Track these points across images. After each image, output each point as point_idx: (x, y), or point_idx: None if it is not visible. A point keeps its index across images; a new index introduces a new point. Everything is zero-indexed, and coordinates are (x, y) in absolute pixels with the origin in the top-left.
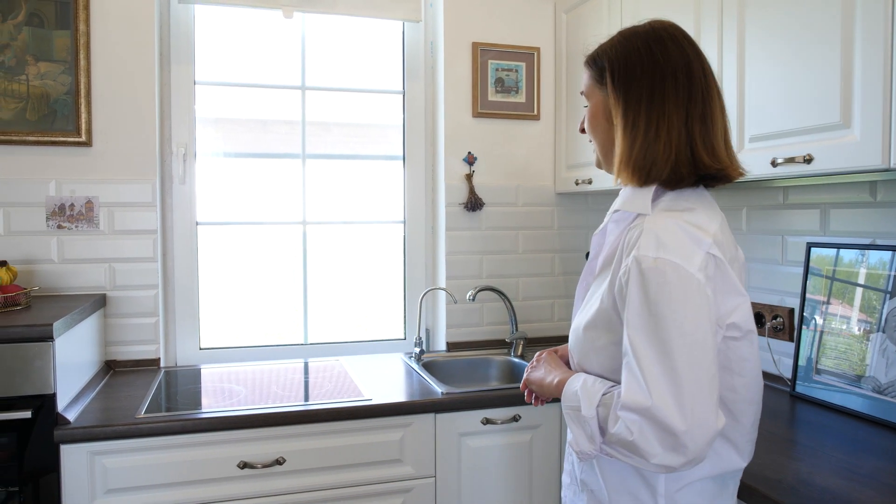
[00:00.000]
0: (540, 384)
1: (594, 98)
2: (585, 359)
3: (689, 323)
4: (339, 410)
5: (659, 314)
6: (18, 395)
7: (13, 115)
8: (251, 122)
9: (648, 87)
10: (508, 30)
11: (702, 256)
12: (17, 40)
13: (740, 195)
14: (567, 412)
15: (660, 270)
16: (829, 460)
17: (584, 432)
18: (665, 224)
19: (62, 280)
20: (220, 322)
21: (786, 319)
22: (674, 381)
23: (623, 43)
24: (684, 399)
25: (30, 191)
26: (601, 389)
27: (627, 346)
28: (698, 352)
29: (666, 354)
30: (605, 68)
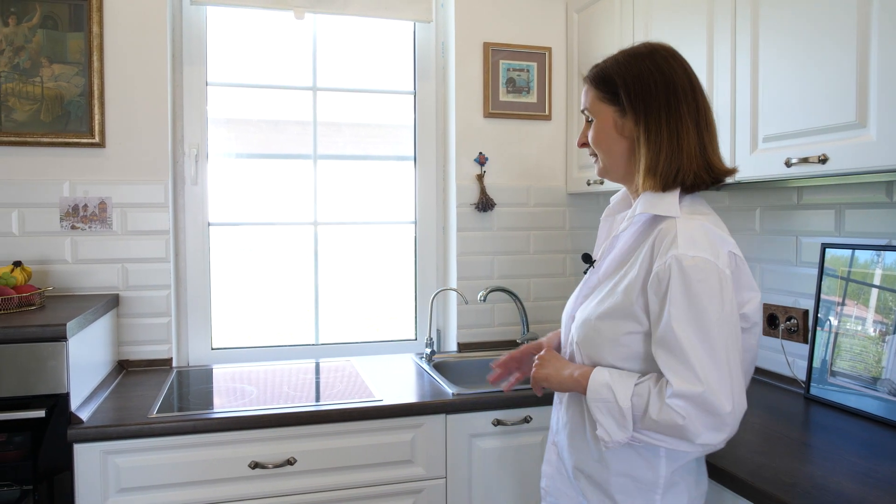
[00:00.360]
0: (557, 378)
1: (602, 114)
2: (597, 350)
3: (726, 313)
4: (351, 411)
5: (701, 307)
6: (33, 395)
7: (28, 116)
8: (263, 123)
9: (665, 102)
10: (520, 30)
11: (726, 254)
12: (31, 43)
13: (754, 195)
14: (596, 404)
15: (699, 268)
16: (845, 464)
17: (615, 422)
18: (696, 226)
19: (76, 280)
20: (232, 322)
21: (800, 321)
22: (717, 366)
23: (632, 63)
24: (727, 382)
25: (44, 191)
26: (633, 380)
27: (671, 336)
28: (733, 340)
29: (710, 343)
30: (616, 87)
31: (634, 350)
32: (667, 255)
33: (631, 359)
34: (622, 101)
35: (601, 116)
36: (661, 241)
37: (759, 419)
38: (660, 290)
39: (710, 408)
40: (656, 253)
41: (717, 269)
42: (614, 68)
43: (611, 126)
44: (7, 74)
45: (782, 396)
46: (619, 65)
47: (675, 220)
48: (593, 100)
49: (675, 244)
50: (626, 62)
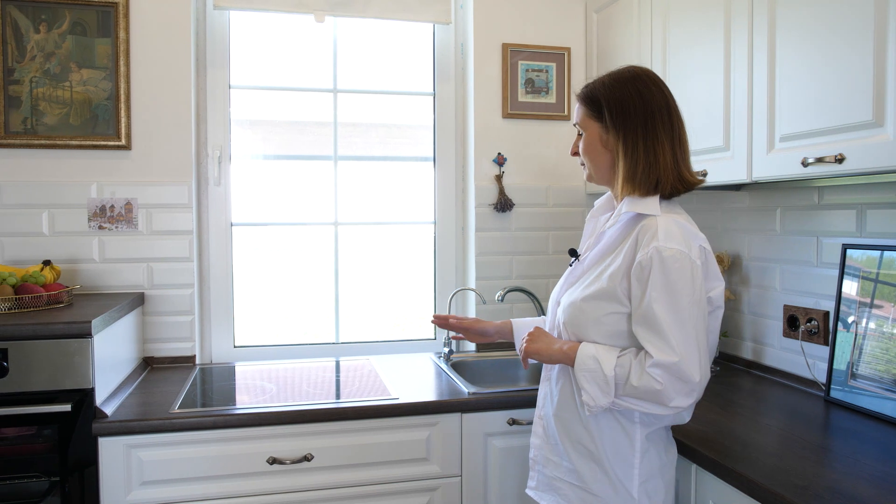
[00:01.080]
0: (548, 352)
1: (590, 129)
2: (582, 329)
3: (696, 297)
4: (366, 409)
5: (676, 290)
6: (60, 389)
7: (58, 120)
8: (284, 125)
9: (642, 123)
10: (538, 30)
11: (697, 248)
12: (61, 48)
13: (775, 195)
14: (583, 374)
15: (675, 258)
16: (861, 468)
17: (600, 389)
18: (672, 223)
19: (103, 279)
20: (255, 321)
21: (820, 323)
22: (689, 342)
23: (616, 87)
24: (697, 355)
25: (73, 193)
26: (615, 353)
27: (651, 315)
28: (701, 319)
29: (682, 321)
30: (601, 107)
31: (616, 328)
32: (649, 246)
33: (612, 336)
34: (606, 119)
35: (589, 131)
36: (643, 235)
37: (776, 421)
38: (642, 276)
39: (683, 376)
40: (639, 244)
41: (690, 260)
42: (601, 90)
43: (597, 140)
44: (38, 79)
45: (802, 399)
46: (605, 87)
47: (655, 218)
48: (583, 116)
49: (656, 237)
50: (611, 85)
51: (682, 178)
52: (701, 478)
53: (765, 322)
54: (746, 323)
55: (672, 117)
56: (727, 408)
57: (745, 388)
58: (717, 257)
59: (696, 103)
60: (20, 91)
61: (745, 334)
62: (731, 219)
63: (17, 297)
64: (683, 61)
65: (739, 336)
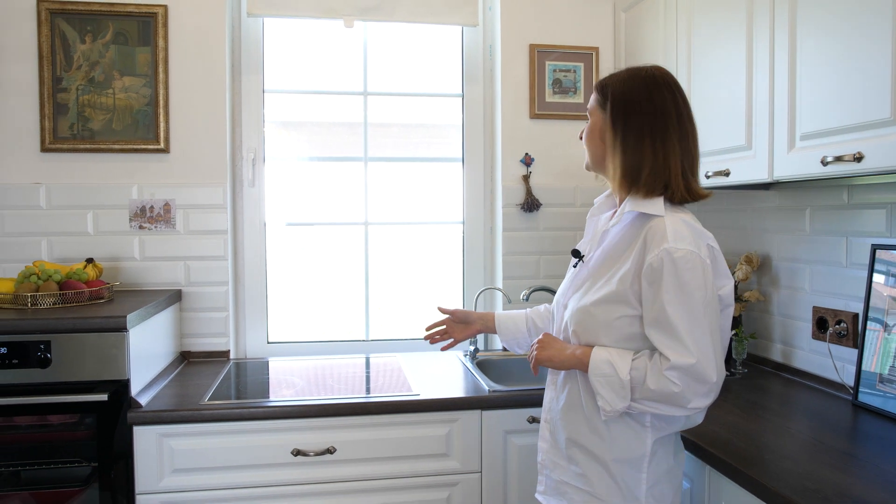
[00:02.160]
0: (560, 358)
1: (594, 118)
2: (593, 333)
3: (709, 297)
4: (387, 404)
5: (689, 292)
6: (98, 380)
7: (101, 125)
8: (316, 127)
9: (650, 123)
10: (566, 31)
11: (706, 247)
12: (105, 58)
13: (804, 195)
14: (597, 379)
15: (686, 259)
16: (880, 473)
17: (616, 394)
18: (680, 222)
19: (143, 276)
20: (288, 317)
21: (849, 325)
22: (705, 342)
23: (628, 82)
24: (712, 355)
25: (115, 194)
26: (629, 356)
27: (665, 318)
28: (714, 319)
29: (697, 322)
30: (608, 98)
31: (626, 332)
32: (659, 248)
33: (623, 339)
34: (608, 111)
35: (594, 119)
36: (652, 237)
37: (797, 424)
38: (653, 279)
39: (701, 377)
40: (648, 246)
41: (701, 260)
42: (614, 82)
43: (597, 129)
44: (84, 87)
45: (829, 402)
46: (618, 81)
47: (662, 219)
48: (593, 104)
49: (666, 239)
50: (624, 80)
51: (689, 187)
52: (714, 479)
53: (794, 324)
54: (776, 324)
55: (682, 124)
56: (748, 410)
57: (771, 390)
58: (746, 257)
59: (720, 102)
60: (67, 98)
61: (775, 336)
62: (761, 219)
63: (61, 292)
64: (707, 60)
65: (769, 338)
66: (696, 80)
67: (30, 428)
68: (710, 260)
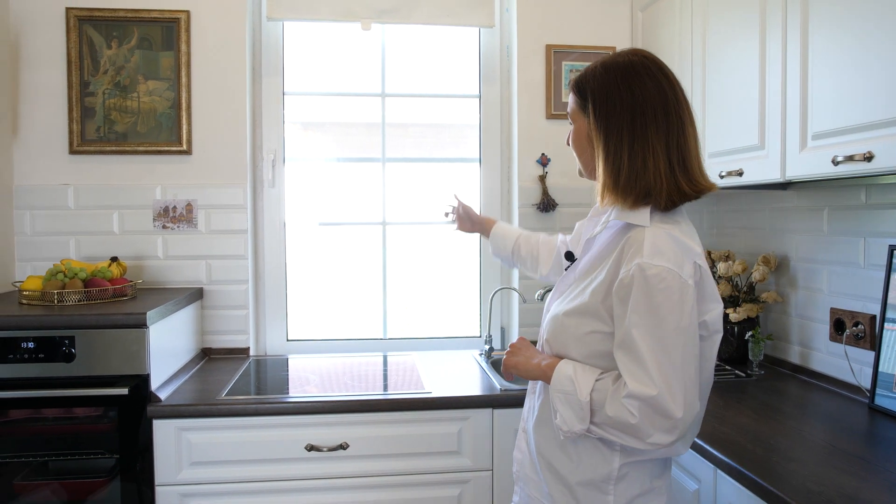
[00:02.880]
0: (525, 366)
1: (578, 122)
2: (563, 345)
3: (684, 322)
4: (399, 401)
5: (660, 315)
6: (119, 375)
7: (126, 128)
8: (335, 128)
9: (629, 121)
10: (583, 31)
11: (691, 265)
12: (130, 62)
13: (822, 195)
14: (557, 395)
15: (661, 277)
16: (889, 477)
17: (574, 414)
18: (663, 235)
19: (166, 275)
20: (308, 316)
21: (867, 326)
22: (673, 373)
23: (604, 76)
24: (681, 389)
25: (139, 195)
26: (594, 376)
27: (630, 341)
28: (690, 347)
29: (666, 350)
30: (587, 98)
31: (596, 348)
32: (632, 262)
33: (593, 356)
34: (589, 112)
35: (578, 123)
36: (629, 249)
37: (809, 427)
38: (623, 296)
39: (662, 411)
40: (624, 259)
41: (680, 279)
42: (590, 80)
43: (584, 134)
44: (110, 91)
45: (844, 405)
46: (594, 77)
47: (643, 229)
48: (573, 106)
49: (641, 253)
50: (602, 73)
51: (679, 187)
52: (721, 480)
53: (812, 325)
54: (794, 326)
55: (669, 116)
56: (760, 411)
57: (786, 392)
58: (764, 258)
59: (734, 102)
60: (94, 102)
61: (793, 338)
62: (779, 219)
63: (85, 290)
64: (721, 59)
65: (787, 339)
66: (710, 80)
67: (56, 420)
68: (695, 281)
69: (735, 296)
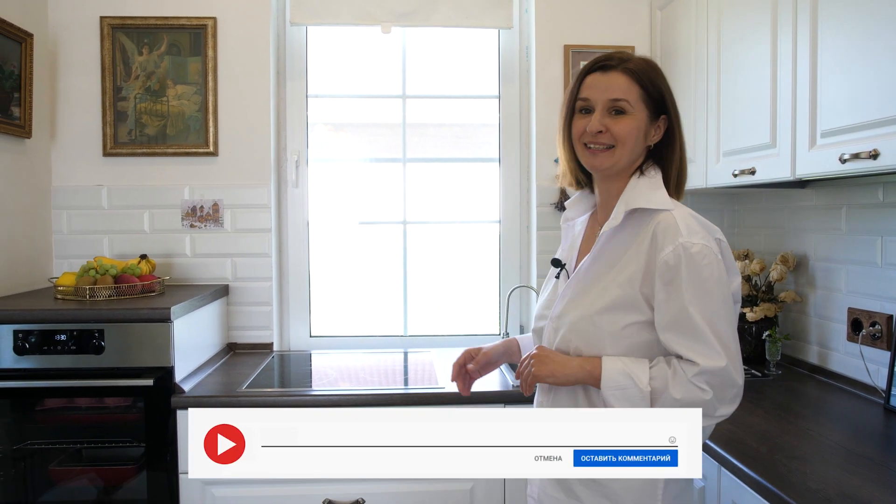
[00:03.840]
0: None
1: (639, 113)
2: (597, 346)
3: (726, 294)
4: (411, 395)
5: (709, 289)
6: (146, 366)
7: (156, 131)
8: (357, 129)
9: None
10: (602, 31)
11: (714, 241)
12: (160, 68)
13: (840, 193)
14: (612, 392)
15: (703, 254)
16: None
17: (634, 408)
18: (689, 216)
19: (193, 272)
20: (331, 312)
21: (884, 326)
22: (730, 342)
23: (661, 75)
24: (738, 356)
25: (169, 195)
26: (646, 365)
27: (687, 318)
28: (734, 317)
29: (721, 321)
30: (662, 93)
31: (635, 341)
32: (675, 243)
33: (632, 349)
34: (664, 108)
35: (639, 115)
36: (663, 232)
37: (821, 426)
38: (670, 277)
39: (730, 381)
40: (660, 243)
41: (715, 254)
42: (657, 76)
43: (643, 129)
44: (141, 96)
45: (859, 405)
46: (657, 73)
47: (671, 213)
48: (637, 97)
49: (679, 233)
50: (659, 72)
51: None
52: (724, 478)
53: (830, 325)
54: (812, 326)
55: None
56: (772, 411)
57: (801, 392)
58: (782, 257)
59: (747, 100)
60: (126, 107)
61: (811, 338)
62: (799, 218)
63: (115, 285)
64: (735, 58)
65: (805, 339)
66: (725, 79)
67: (89, 410)
68: (722, 255)
69: (753, 295)
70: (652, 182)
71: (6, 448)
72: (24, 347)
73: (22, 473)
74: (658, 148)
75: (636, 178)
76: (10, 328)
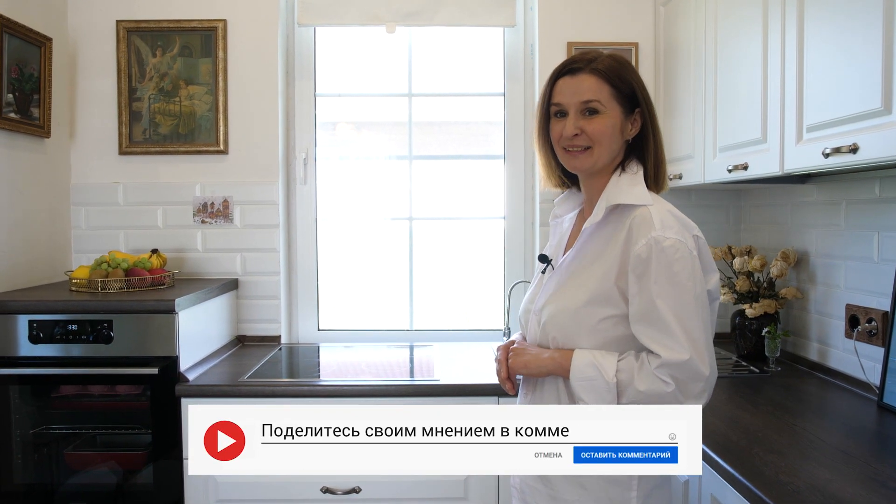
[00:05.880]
0: (537, 363)
1: (613, 111)
2: (574, 339)
3: (698, 289)
4: (407, 387)
5: (680, 283)
6: (152, 356)
7: (169, 130)
8: (365, 127)
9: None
10: (605, 27)
11: (691, 237)
12: (172, 69)
13: (839, 189)
14: (580, 383)
15: (675, 248)
16: (869, 471)
17: (601, 399)
18: (666, 211)
19: (204, 266)
20: (338, 306)
21: (879, 323)
22: (698, 337)
23: (629, 66)
24: (706, 350)
25: (181, 192)
26: (614, 357)
27: (654, 311)
28: (706, 313)
29: (689, 316)
30: (633, 90)
31: (610, 335)
32: (647, 236)
33: (608, 344)
34: (637, 103)
35: (612, 113)
36: (638, 226)
37: (808, 422)
38: (641, 270)
39: (695, 374)
40: (634, 237)
41: (689, 250)
42: (626, 71)
43: (618, 126)
44: (155, 97)
45: (852, 402)
46: (626, 68)
47: (648, 207)
48: (608, 96)
49: (653, 227)
50: (629, 67)
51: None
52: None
53: (829, 322)
54: (812, 322)
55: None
56: (762, 406)
57: (797, 389)
58: (783, 253)
59: (740, 96)
60: (140, 107)
61: (811, 334)
62: (800, 214)
63: (126, 278)
64: (730, 54)
65: (806, 336)
66: (721, 75)
67: (102, 397)
68: (697, 252)
69: (754, 291)
70: (633, 178)
71: (25, 432)
72: (39, 336)
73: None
74: (637, 142)
75: (617, 174)
76: (25, 318)
